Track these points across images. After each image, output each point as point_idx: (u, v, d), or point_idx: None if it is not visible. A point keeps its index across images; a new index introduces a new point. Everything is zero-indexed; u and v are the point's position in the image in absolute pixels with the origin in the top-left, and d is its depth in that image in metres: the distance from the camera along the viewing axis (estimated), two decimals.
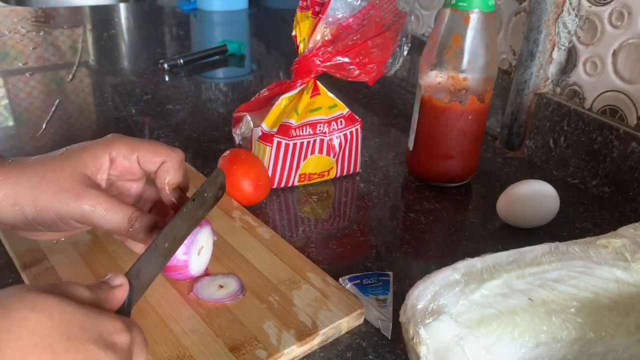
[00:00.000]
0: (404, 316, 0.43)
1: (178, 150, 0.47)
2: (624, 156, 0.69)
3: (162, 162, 0.46)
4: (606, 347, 0.42)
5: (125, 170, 0.46)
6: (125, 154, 0.45)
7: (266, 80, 1.14)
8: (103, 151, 0.44)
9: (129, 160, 0.46)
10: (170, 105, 0.97)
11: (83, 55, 1.20)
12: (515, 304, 0.42)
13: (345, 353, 0.48)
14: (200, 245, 0.51)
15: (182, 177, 0.48)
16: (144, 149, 0.46)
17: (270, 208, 0.69)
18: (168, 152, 0.46)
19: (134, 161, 0.46)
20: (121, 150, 0.45)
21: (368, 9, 0.67)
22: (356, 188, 0.75)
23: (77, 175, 0.43)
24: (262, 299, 0.51)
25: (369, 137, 0.88)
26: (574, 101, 0.77)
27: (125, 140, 0.45)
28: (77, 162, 0.43)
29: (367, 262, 0.60)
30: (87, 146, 0.45)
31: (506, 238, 0.65)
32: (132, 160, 0.46)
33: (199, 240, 0.50)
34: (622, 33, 0.70)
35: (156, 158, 0.46)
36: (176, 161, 0.47)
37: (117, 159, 0.45)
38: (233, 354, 0.45)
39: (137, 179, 0.48)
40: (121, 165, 0.46)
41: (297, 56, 0.70)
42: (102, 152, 0.44)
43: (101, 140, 0.45)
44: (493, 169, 0.80)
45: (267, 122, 0.70)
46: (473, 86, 0.68)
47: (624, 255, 0.45)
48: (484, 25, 0.65)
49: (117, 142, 0.45)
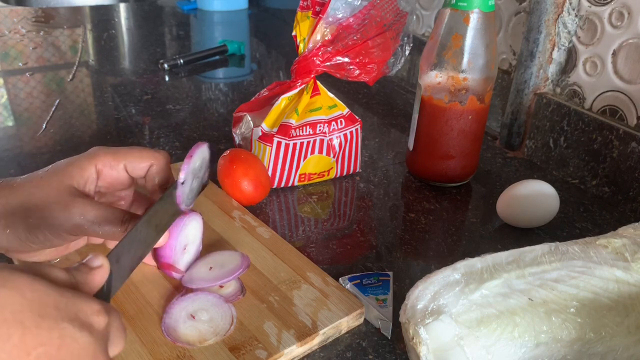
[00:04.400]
0: (404, 316, 0.43)
1: (163, 152, 0.48)
2: (624, 156, 0.69)
3: (149, 166, 0.47)
4: (606, 347, 0.42)
5: (113, 180, 0.47)
6: (111, 164, 0.46)
7: (266, 80, 1.14)
8: (88, 163, 0.45)
9: (116, 170, 0.46)
10: (170, 105, 0.97)
11: (83, 55, 1.20)
12: (515, 304, 0.42)
13: (345, 353, 0.49)
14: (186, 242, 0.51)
15: (170, 177, 0.48)
16: (130, 156, 0.46)
17: (270, 208, 0.69)
18: (154, 155, 0.47)
19: (122, 170, 0.46)
20: (106, 161, 0.46)
21: (368, 9, 0.67)
22: (356, 188, 0.75)
23: (64, 188, 0.43)
24: (262, 299, 0.51)
25: (369, 137, 0.88)
26: (574, 101, 0.77)
27: (109, 151, 0.46)
28: (63, 175, 0.44)
29: (367, 262, 0.60)
30: (72, 160, 0.45)
31: (506, 238, 0.65)
32: (120, 169, 0.46)
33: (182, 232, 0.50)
34: (622, 33, 0.70)
35: (143, 164, 0.47)
36: (163, 162, 0.47)
37: (103, 170, 0.46)
38: (233, 354, 0.45)
39: (126, 187, 0.49)
40: (109, 176, 0.46)
41: (297, 56, 0.70)
42: (88, 165, 0.45)
43: (86, 153, 0.46)
44: (493, 169, 0.80)
45: (267, 122, 0.70)
46: (473, 86, 0.68)
47: (623, 255, 0.45)
48: (484, 25, 0.65)
49: (102, 154, 0.46)
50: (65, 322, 0.29)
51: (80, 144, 0.82)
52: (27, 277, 0.29)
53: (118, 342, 0.34)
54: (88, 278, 0.34)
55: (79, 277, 0.34)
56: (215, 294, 0.51)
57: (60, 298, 0.30)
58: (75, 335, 0.30)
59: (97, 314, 0.31)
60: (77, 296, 0.31)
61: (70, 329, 0.30)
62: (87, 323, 0.31)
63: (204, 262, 0.53)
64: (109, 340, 0.33)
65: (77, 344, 0.30)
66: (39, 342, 0.28)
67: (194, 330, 0.47)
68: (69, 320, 0.30)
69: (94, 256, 0.35)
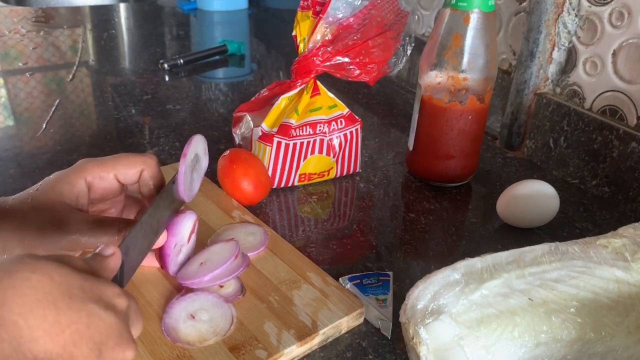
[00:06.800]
0: (404, 316, 0.43)
1: (150, 154, 0.48)
2: (624, 156, 0.69)
3: (140, 171, 0.47)
4: (606, 347, 0.42)
5: (105, 190, 0.47)
6: (101, 176, 0.46)
7: (266, 80, 1.14)
8: (77, 178, 0.45)
9: (106, 181, 0.46)
10: (170, 105, 0.97)
11: (83, 55, 1.20)
12: (515, 304, 0.42)
13: (345, 353, 0.48)
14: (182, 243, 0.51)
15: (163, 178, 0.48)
16: (120, 164, 0.46)
17: (270, 208, 0.69)
18: (144, 160, 0.47)
19: (112, 180, 0.46)
20: (95, 173, 0.46)
21: (369, 9, 0.67)
22: (356, 188, 0.75)
23: (55, 206, 0.44)
24: (262, 299, 0.51)
25: (369, 137, 0.88)
26: (574, 101, 0.77)
27: (97, 162, 0.46)
28: (53, 194, 0.44)
29: (367, 262, 0.60)
30: (60, 176, 0.45)
31: (506, 238, 0.65)
32: (110, 179, 0.46)
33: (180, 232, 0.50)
34: (622, 33, 0.70)
35: (134, 170, 0.47)
36: (154, 166, 0.47)
37: (94, 182, 0.46)
38: (233, 354, 0.45)
39: (118, 194, 0.49)
40: (100, 188, 0.46)
41: (297, 56, 0.70)
42: (77, 179, 0.45)
43: (73, 168, 0.46)
44: (493, 169, 0.80)
45: (267, 122, 0.70)
46: (473, 86, 0.68)
47: (623, 255, 0.45)
48: (484, 25, 0.65)
49: (90, 167, 0.46)
50: (92, 302, 0.31)
51: (80, 144, 0.82)
52: (53, 263, 0.31)
53: (137, 324, 0.35)
54: (103, 264, 0.35)
55: (95, 264, 0.35)
56: (215, 293, 0.51)
57: (84, 282, 0.32)
58: (101, 315, 0.32)
59: (118, 296, 0.33)
60: (99, 280, 0.33)
61: (97, 309, 0.31)
62: (111, 304, 0.33)
63: (195, 259, 0.53)
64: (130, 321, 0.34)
65: (104, 323, 0.32)
66: (71, 320, 0.30)
67: (194, 330, 0.47)
68: (94, 301, 0.32)
69: (105, 246, 0.37)
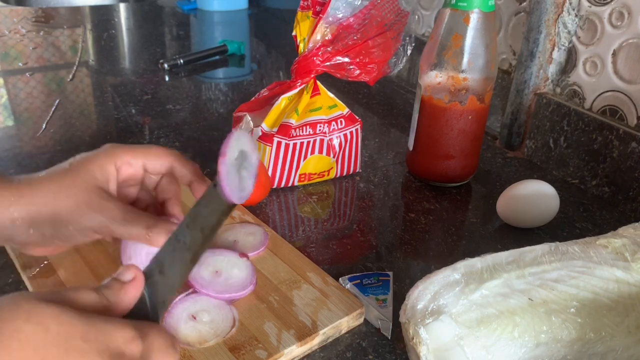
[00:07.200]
0: (404, 316, 0.43)
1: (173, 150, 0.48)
2: (624, 156, 0.69)
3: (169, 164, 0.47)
4: (606, 347, 0.42)
5: (129, 177, 0.47)
6: (129, 162, 0.46)
7: (266, 80, 1.14)
8: (108, 161, 0.45)
9: (133, 168, 0.46)
10: (170, 105, 0.97)
11: (83, 55, 1.20)
12: (515, 304, 0.42)
13: (345, 353, 0.48)
14: None
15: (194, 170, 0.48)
16: (151, 155, 0.46)
17: (270, 208, 0.69)
18: (173, 152, 0.47)
19: (139, 168, 0.46)
20: (125, 158, 0.46)
21: (369, 9, 0.67)
22: (356, 188, 0.75)
23: (91, 189, 0.43)
24: (262, 299, 0.51)
25: (369, 137, 0.88)
26: (574, 101, 0.77)
27: (126, 148, 0.46)
28: (86, 175, 0.44)
29: (367, 262, 0.60)
30: (90, 157, 0.45)
31: (506, 238, 0.65)
32: (137, 167, 0.46)
33: None
34: (622, 33, 0.70)
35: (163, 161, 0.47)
36: (181, 157, 0.48)
37: (122, 167, 0.46)
38: (233, 354, 0.45)
39: (136, 184, 0.49)
40: (126, 173, 0.46)
41: (297, 56, 0.70)
42: (108, 163, 0.45)
43: (102, 151, 0.46)
44: (493, 169, 0.80)
45: (267, 122, 0.70)
46: (473, 86, 0.68)
47: (623, 255, 0.45)
48: (484, 25, 0.65)
49: (119, 152, 0.46)
50: (94, 354, 0.28)
51: (80, 144, 0.82)
52: (53, 308, 0.28)
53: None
54: (121, 294, 0.32)
55: (111, 296, 0.32)
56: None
57: (88, 328, 0.28)
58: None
59: (130, 342, 0.30)
60: (108, 323, 0.30)
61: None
62: (120, 353, 0.29)
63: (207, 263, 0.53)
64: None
65: None
66: None
67: (194, 331, 0.47)
68: (98, 353, 0.28)
69: (124, 269, 0.33)
